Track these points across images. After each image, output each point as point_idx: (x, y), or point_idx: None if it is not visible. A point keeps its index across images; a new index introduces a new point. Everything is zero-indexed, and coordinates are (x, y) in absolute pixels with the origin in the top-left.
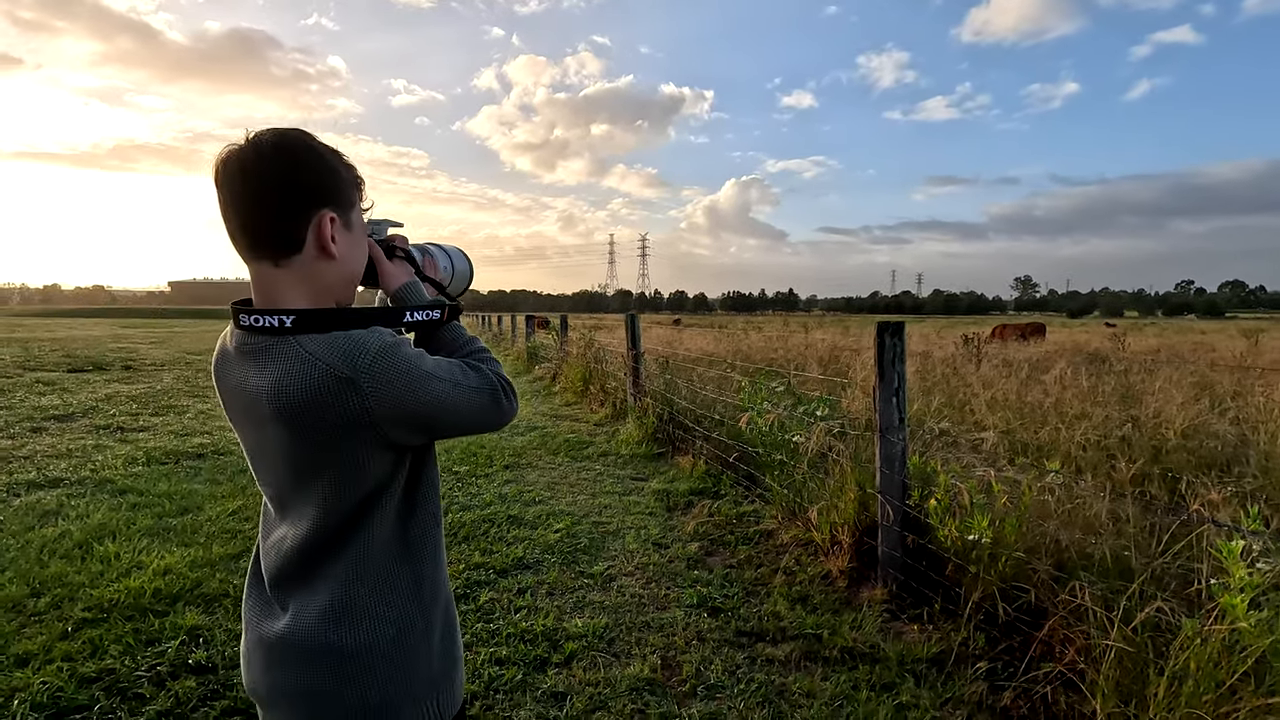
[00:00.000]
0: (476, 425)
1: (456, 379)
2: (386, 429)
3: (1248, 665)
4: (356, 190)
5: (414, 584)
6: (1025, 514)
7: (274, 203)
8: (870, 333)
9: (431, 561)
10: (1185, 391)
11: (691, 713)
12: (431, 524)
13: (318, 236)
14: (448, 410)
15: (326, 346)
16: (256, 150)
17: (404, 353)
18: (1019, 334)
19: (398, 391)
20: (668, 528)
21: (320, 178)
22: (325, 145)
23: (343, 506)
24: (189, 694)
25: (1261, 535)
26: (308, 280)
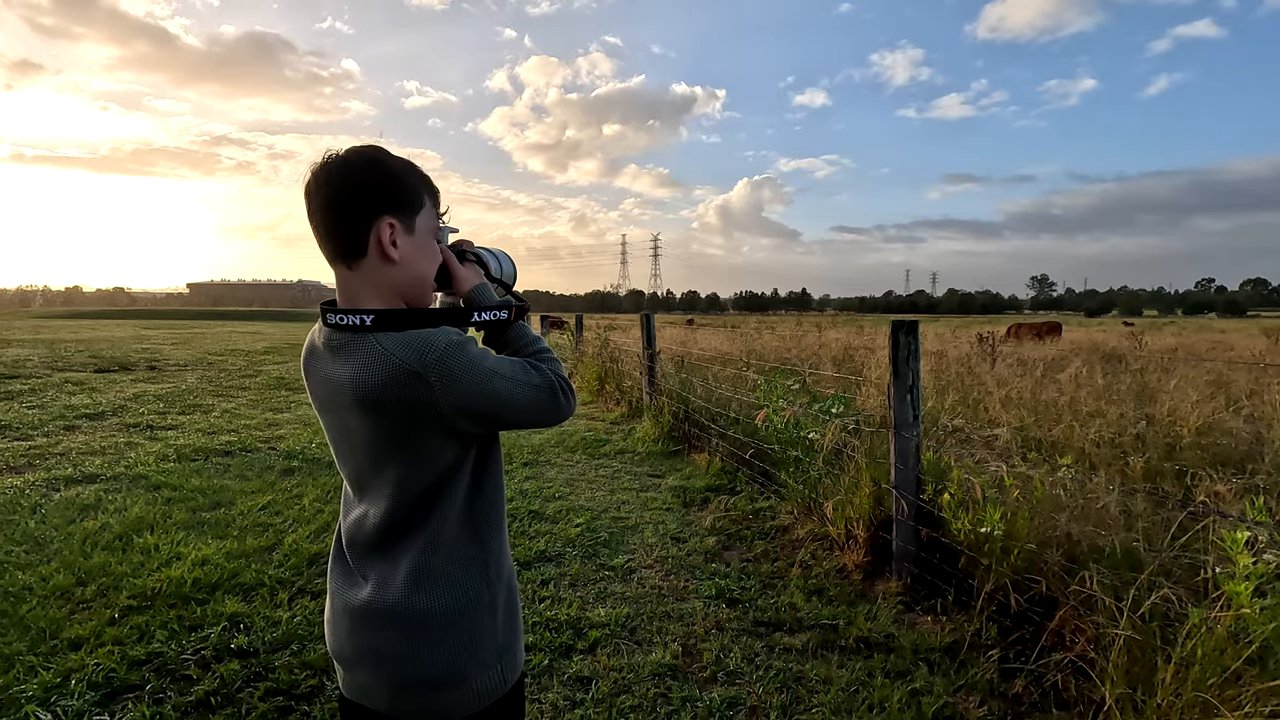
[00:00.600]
0: (536, 419)
1: (518, 376)
2: (451, 419)
3: (1251, 651)
4: (424, 198)
5: (481, 560)
6: (1036, 508)
7: (339, 211)
8: (884, 332)
9: (496, 540)
10: (1200, 390)
11: (712, 697)
12: (497, 506)
13: (378, 241)
14: (508, 405)
15: (400, 343)
16: (328, 165)
17: (469, 350)
18: (1035, 333)
19: (462, 386)
20: (685, 523)
21: (381, 187)
22: (394, 158)
23: (415, 488)
24: (234, 676)
25: (1266, 526)
26: (376, 282)
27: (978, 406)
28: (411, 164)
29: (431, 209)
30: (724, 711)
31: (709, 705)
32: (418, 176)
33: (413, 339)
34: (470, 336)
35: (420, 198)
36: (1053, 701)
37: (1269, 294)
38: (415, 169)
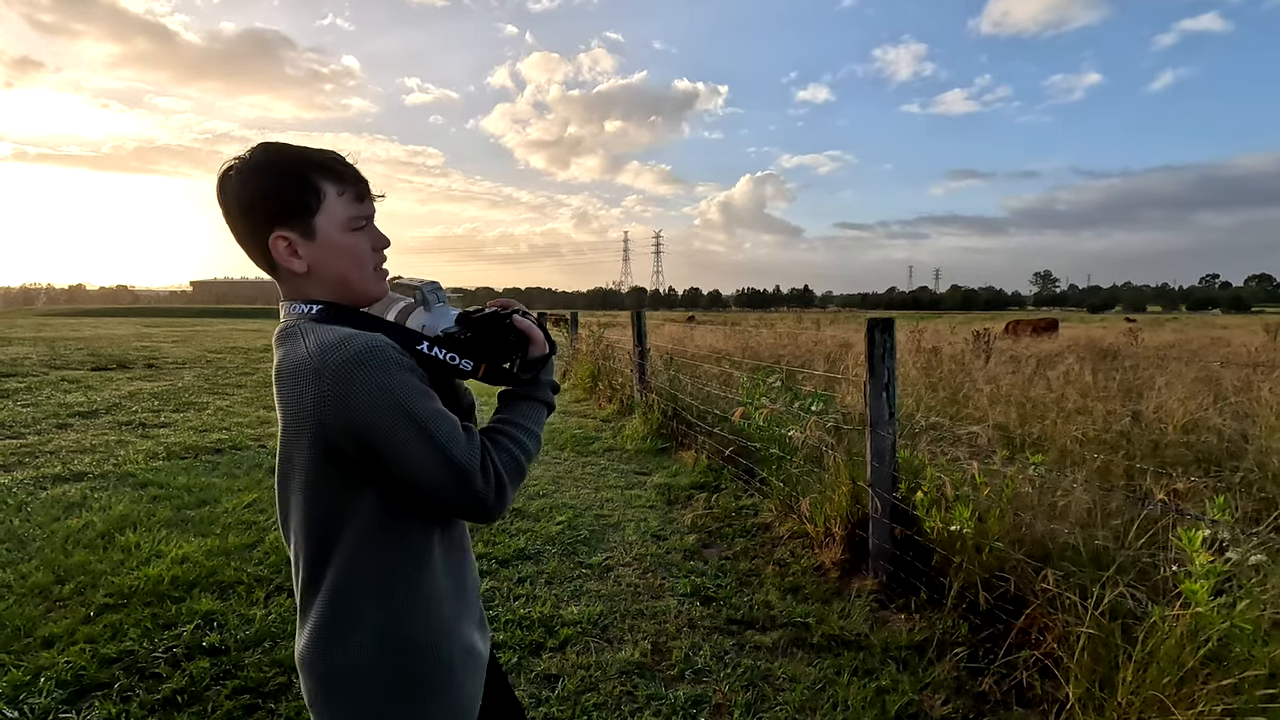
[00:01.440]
0: (435, 497)
1: (438, 437)
2: (335, 436)
3: (1207, 649)
4: (323, 191)
5: (376, 632)
6: (1006, 506)
7: (236, 234)
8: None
9: (405, 613)
10: (1189, 387)
11: (678, 695)
12: (411, 569)
13: (279, 258)
14: (402, 459)
15: (318, 336)
16: (217, 185)
17: (392, 374)
18: (1032, 330)
19: (356, 404)
20: (667, 520)
21: (262, 201)
22: (278, 158)
23: (310, 524)
24: (202, 674)
25: (1223, 524)
26: (301, 294)
27: (965, 403)
28: (302, 155)
29: (341, 198)
30: (688, 709)
31: (674, 703)
32: (312, 169)
33: (330, 334)
34: (410, 364)
35: (315, 194)
36: (1018, 699)
37: (1274, 289)
38: (308, 160)
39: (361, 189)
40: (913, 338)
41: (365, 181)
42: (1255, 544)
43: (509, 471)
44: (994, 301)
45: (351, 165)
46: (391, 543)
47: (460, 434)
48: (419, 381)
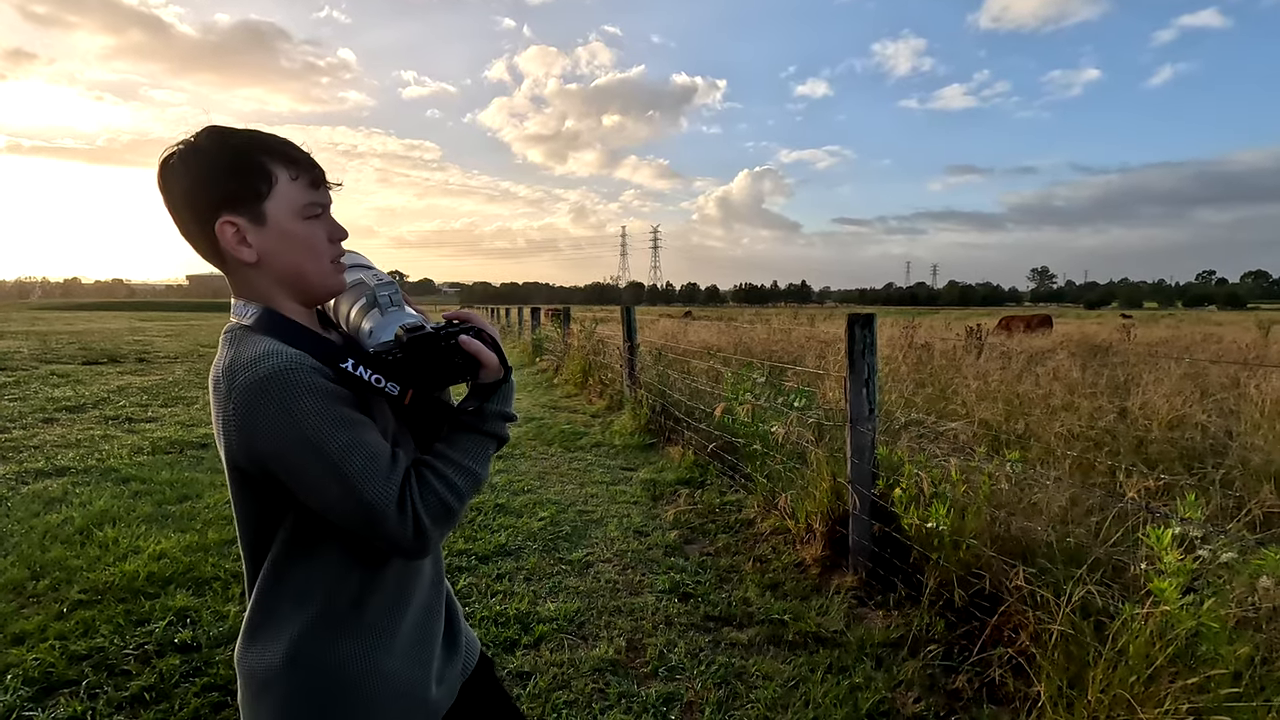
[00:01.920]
0: (346, 527)
1: (345, 469)
2: (237, 455)
3: (1175, 648)
4: (273, 175)
5: (288, 642)
6: (983, 503)
7: (178, 223)
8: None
9: (321, 632)
10: (1176, 383)
11: (649, 692)
12: (334, 586)
13: (227, 247)
14: (308, 489)
15: (239, 349)
16: (157, 172)
17: (299, 400)
18: (1026, 325)
19: (258, 432)
20: (651, 516)
21: (207, 185)
22: (224, 140)
23: (242, 527)
24: (172, 671)
25: (1194, 522)
26: (250, 288)
27: (953, 399)
28: (252, 138)
29: (294, 184)
30: (659, 707)
31: (645, 701)
32: (262, 151)
33: (249, 350)
34: (329, 388)
35: (266, 177)
36: (990, 697)
37: (1269, 286)
38: (256, 142)
39: (316, 175)
40: (906, 334)
41: (320, 168)
42: (1225, 542)
43: (432, 514)
44: (991, 297)
45: (304, 151)
46: (314, 557)
47: (379, 467)
48: (338, 407)
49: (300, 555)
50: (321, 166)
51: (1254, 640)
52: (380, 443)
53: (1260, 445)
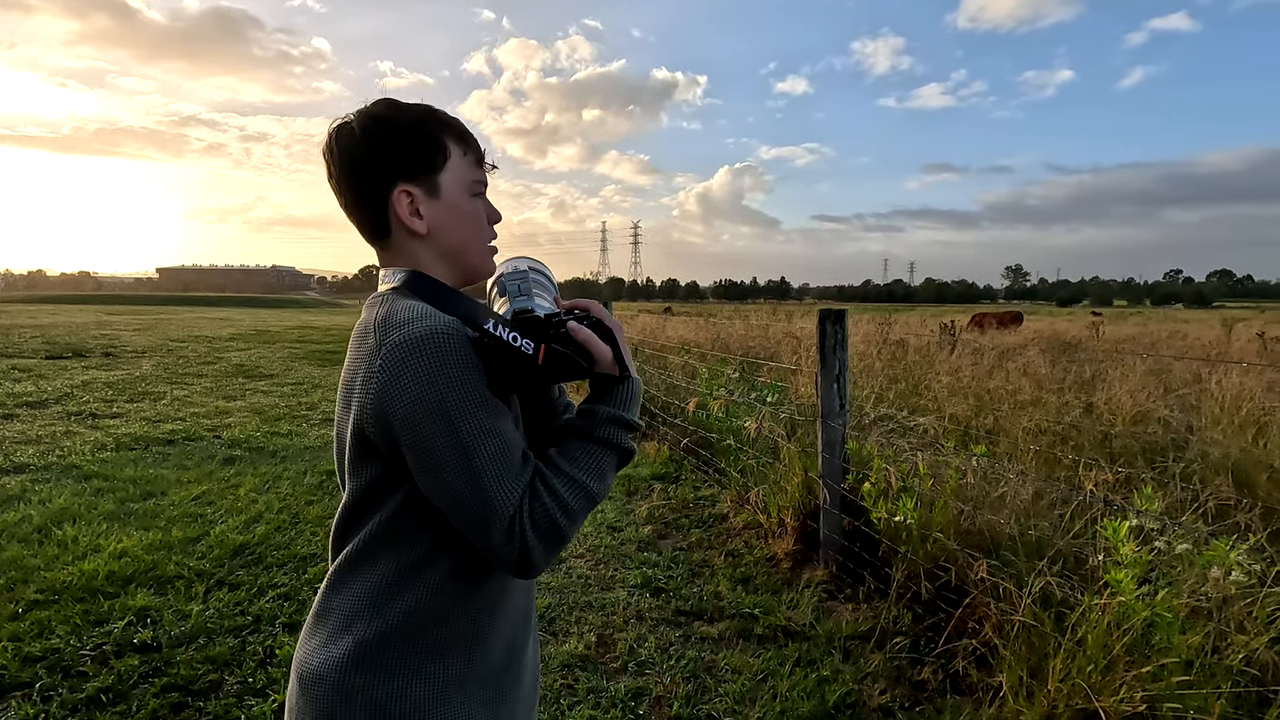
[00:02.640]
0: (460, 526)
1: (482, 466)
2: (366, 415)
3: (1130, 638)
4: (448, 150)
5: (352, 643)
6: (950, 497)
7: (350, 190)
8: (848, 321)
9: (388, 639)
10: (1140, 379)
11: (618, 687)
12: (414, 588)
13: (397, 216)
14: (432, 470)
15: (392, 306)
16: (331, 140)
17: (452, 371)
18: (998, 322)
19: (396, 392)
20: (625, 512)
21: (389, 152)
22: (404, 110)
23: (350, 501)
24: (130, 672)
25: (1149, 515)
26: (410, 260)
27: (925, 394)
28: (428, 111)
29: (465, 160)
30: (627, 702)
31: (613, 695)
32: (437, 125)
33: (403, 309)
34: (473, 359)
35: (442, 150)
36: (954, 688)
37: (1234, 285)
38: (433, 116)
39: (480, 154)
40: (881, 330)
41: (481, 148)
42: (1180, 534)
43: (539, 530)
44: (967, 295)
45: (469, 129)
46: (404, 550)
47: (511, 461)
48: (484, 386)
49: (389, 546)
50: (482, 147)
51: (1205, 629)
52: (515, 435)
53: (1219, 439)
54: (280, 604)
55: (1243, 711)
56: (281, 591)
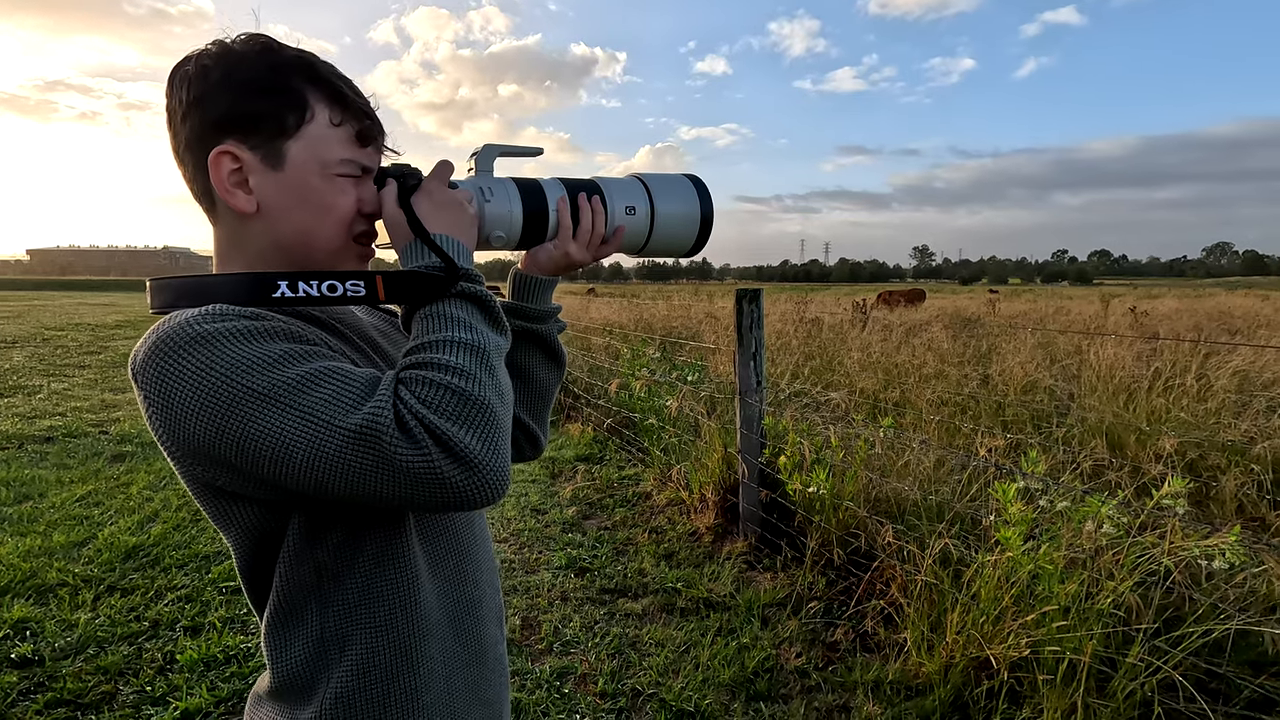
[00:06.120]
0: (354, 491)
1: (316, 410)
2: (181, 459)
3: (1017, 589)
4: (308, 108)
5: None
6: (859, 467)
7: (173, 140)
8: (765, 300)
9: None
10: (1030, 352)
11: (543, 668)
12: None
13: (218, 184)
14: (277, 458)
15: (153, 329)
16: (170, 75)
17: (217, 350)
18: (904, 300)
19: (178, 410)
20: (549, 494)
21: (216, 98)
22: (254, 51)
23: (237, 555)
24: (9, 688)
25: (1033, 477)
26: (240, 244)
27: (839, 370)
28: (300, 59)
29: (335, 130)
30: (552, 682)
31: (539, 677)
32: (302, 77)
33: (160, 324)
34: (249, 325)
35: (298, 109)
36: (864, 646)
37: (1112, 264)
38: (303, 66)
39: (367, 130)
40: (798, 309)
41: (377, 124)
42: (1060, 492)
43: (443, 409)
44: (878, 274)
45: (363, 97)
46: (324, 588)
47: (356, 385)
48: (278, 343)
49: (310, 594)
50: (380, 123)
51: (1081, 578)
52: (353, 367)
53: (1095, 405)
54: (181, 607)
55: (1111, 649)
56: (182, 594)
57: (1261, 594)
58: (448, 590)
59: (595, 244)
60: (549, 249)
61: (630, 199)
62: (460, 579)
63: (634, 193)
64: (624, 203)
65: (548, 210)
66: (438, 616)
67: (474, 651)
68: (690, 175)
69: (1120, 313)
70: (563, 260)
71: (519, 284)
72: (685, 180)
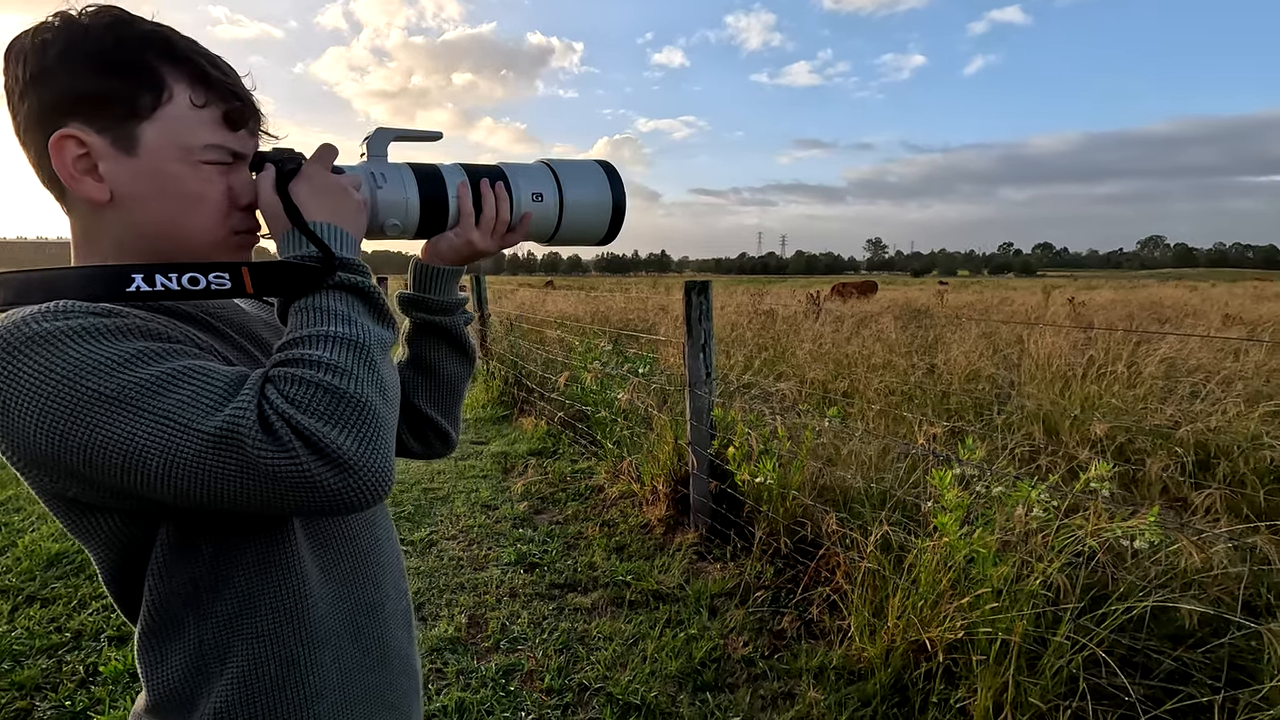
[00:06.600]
0: (214, 497)
1: (163, 400)
2: (24, 470)
3: (955, 573)
4: (165, 87)
5: None
6: (805, 457)
7: (13, 122)
8: (720, 293)
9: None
10: (974, 342)
11: (489, 666)
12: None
13: (61, 172)
14: (128, 466)
15: None
16: (5, 51)
17: (55, 353)
18: (857, 291)
19: (16, 419)
20: (500, 489)
21: (58, 76)
22: (118, 22)
23: (101, 569)
24: None
25: (970, 463)
26: (95, 238)
27: (790, 361)
28: (155, 33)
29: (198, 112)
30: (498, 680)
31: (484, 675)
32: (160, 52)
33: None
34: (97, 322)
35: (155, 89)
36: (809, 634)
37: (1054, 256)
38: (158, 39)
39: (235, 111)
40: (754, 301)
41: (251, 106)
42: (994, 478)
43: (311, 407)
44: (833, 266)
45: (232, 75)
46: (200, 597)
47: (216, 386)
48: (132, 341)
49: (185, 604)
50: (254, 104)
51: (1013, 560)
52: (219, 366)
53: (1034, 393)
54: (106, 616)
55: (1041, 628)
56: (107, 602)
57: (1179, 571)
58: (344, 594)
59: (500, 232)
60: (450, 238)
61: (537, 185)
62: (359, 582)
63: (541, 179)
64: (530, 189)
65: (447, 197)
66: (332, 622)
67: (376, 656)
68: (601, 161)
69: (1060, 303)
70: (465, 249)
71: (419, 274)
72: (596, 166)
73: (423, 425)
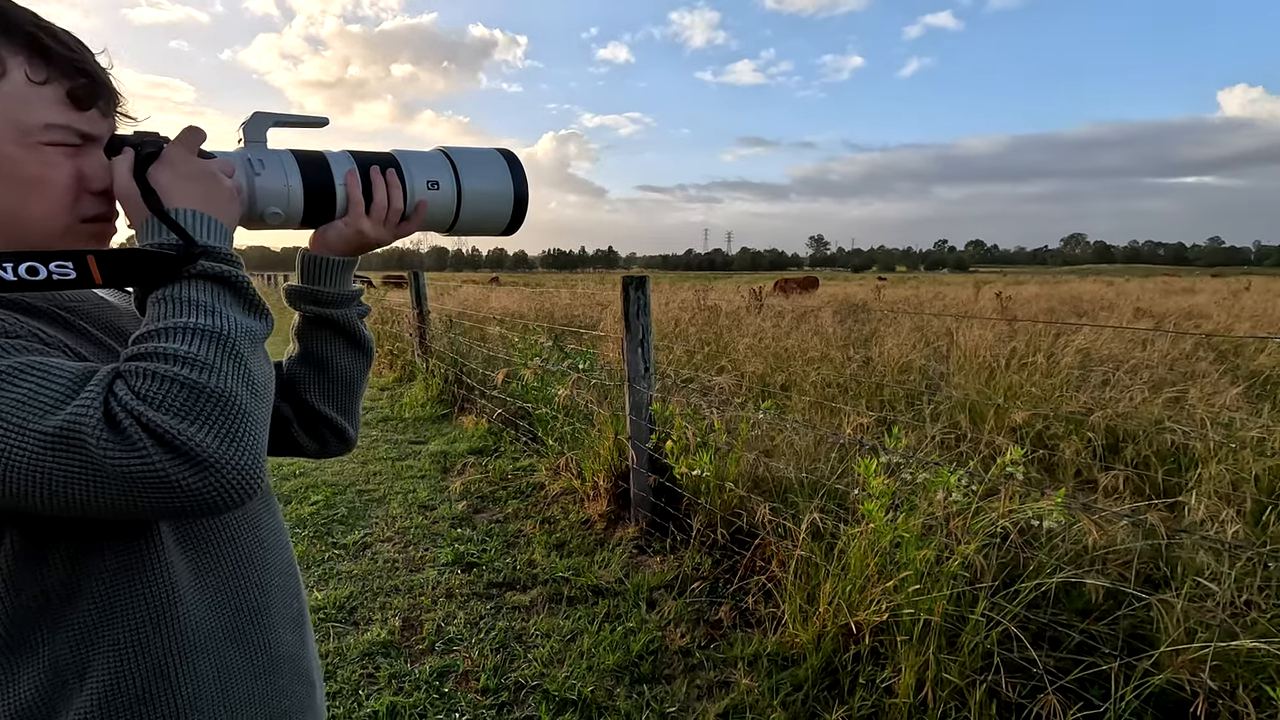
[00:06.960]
0: (81, 504)
1: (7, 414)
2: None
3: (881, 558)
4: (7, 66)
5: None
6: (741, 449)
7: None
8: (666, 289)
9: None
10: (907, 335)
11: (423, 668)
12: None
13: None
14: None
15: None
16: None
17: None
18: (798, 287)
19: None
20: (438, 489)
21: None
22: None
23: None
24: None
25: (895, 452)
26: None
27: (730, 355)
28: None
29: (33, 87)
30: (432, 682)
31: (418, 678)
32: None
33: None
34: None
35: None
36: (745, 622)
37: (985, 253)
38: None
39: (81, 89)
40: (698, 296)
41: (99, 82)
42: (918, 465)
43: (166, 403)
44: (778, 263)
45: (77, 48)
46: (53, 610)
47: (58, 382)
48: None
49: (38, 618)
50: (106, 82)
51: (934, 543)
52: (62, 363)
53: (961, 383)
54: None
55: (961, 608)
56: None
57: (1085, 549)
58: (224, 598)
59: (393, 221)
60: (339, 227)
61: (432, 174)
62: (239, 585)
63: (437, 167)
64: (425, 177)
65: (334, 185)
66: (209, 628)
67: (263, 662)
68: (503, 150)
69: (989, 297)
70: (356, 239)
71: (307, 266)
72: (496, 155)
73: (317, 423)
